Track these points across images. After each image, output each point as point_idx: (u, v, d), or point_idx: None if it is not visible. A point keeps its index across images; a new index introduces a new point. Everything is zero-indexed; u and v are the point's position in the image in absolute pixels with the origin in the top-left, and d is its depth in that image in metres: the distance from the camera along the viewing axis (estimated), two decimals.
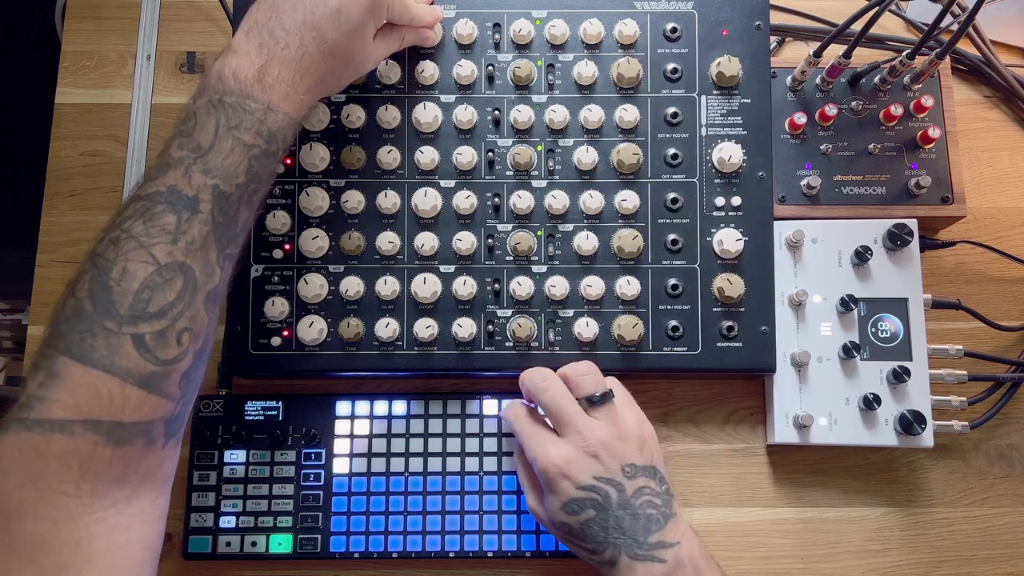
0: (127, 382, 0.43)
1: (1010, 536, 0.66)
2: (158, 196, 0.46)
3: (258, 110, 0.49)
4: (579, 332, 0.62)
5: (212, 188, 0.47)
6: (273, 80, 0.50)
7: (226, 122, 0.48)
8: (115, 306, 0.44)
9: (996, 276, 0.72)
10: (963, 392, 0.66)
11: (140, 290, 0.44)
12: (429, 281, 0.62)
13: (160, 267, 0.45)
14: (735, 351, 0.63)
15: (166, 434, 0.47)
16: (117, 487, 0.44)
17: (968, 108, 0.75)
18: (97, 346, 0.43)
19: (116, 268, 0.44)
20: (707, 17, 0.65)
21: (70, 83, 0.74)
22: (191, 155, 0.47)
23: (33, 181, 0.74)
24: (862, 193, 0.68)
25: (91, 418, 0.43)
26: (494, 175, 0.64)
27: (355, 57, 0.55)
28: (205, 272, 0.47)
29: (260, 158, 0.49)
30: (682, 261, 0.64)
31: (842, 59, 0.66)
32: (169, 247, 0.45)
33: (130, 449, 0.44)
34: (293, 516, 0.63)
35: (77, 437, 0.42)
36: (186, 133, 0.48)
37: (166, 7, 0.76)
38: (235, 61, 0.49)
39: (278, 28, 0.50)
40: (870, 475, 0.67)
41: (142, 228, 0.45)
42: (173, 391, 0.46)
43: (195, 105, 0.49)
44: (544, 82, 0.65)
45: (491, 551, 0.63)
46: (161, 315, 0.45)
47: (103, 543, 0.43)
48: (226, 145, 0.48)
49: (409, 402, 0.65)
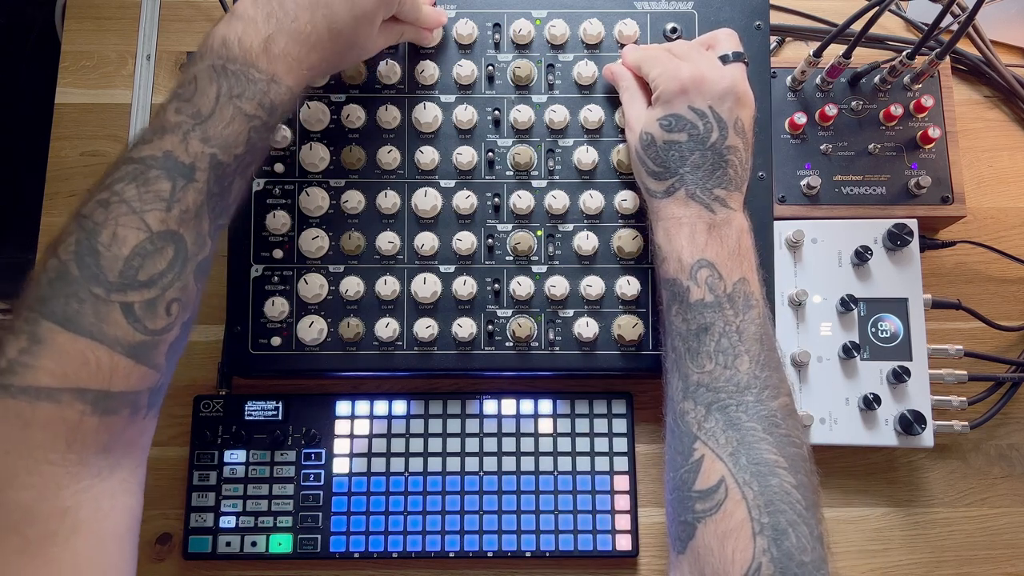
0: (115, 351, 0.43)
1: (1010, 536, 0.66)
2: (153, 160, 0.45)
3: (262, 80, 0.48)
4: (579, 332, 0.62)
5: (210, 157, 0.46)
6: (279, 51, 0.49)
7: (228, 90, 0.47)
8: (104, 272, 0.42)
9: (996, 276, 0.72)
10: (963, 392, 0.66)
11: (131, 257, 0.43)
12: (429, 281, 0.62)
13: (152, 235, 0.44)
14: None
15: (149, 404, 0.46)
16: (102, 456, 0.44)
17: (968, 108, 0.75)
18: (84, 312, 0.42)
19: (105, 232, 0.43)
20: (707, 17, 0.65)
21: (70, 83, 0.74)
22: (190, 121, 0.46)
23: (33, 181, 0.74)
24: (862, 193, 0.68)
25: (79, 387, 0.42)
26: (494, 175, 0.64)
27: (359, 43, 0.55)
28: (196, 242, 0.46)
29: (259, 130, 0.48)
30: None
31: (842, 59, 0.66)
32: (162, 215, 0.44)
33: (116, 419, 0.44)
34: (293, 516, 0.63)
35: (64, 406, 0.41)
36: (185, 97, 0.47)
37: (166, 7, 0.76)
38: (240, 27, 0.48)
39: (289, 1, 0.50)
40: (870, 475, 0.67)
41: (135, 193, 0.44)
42: (160, 361, 0.45)
43: (196, 68, 0.47)
44: (544, 82, 0.65)
45: (491, 551, 0.63)
46: (151, 284, 0.44)
47: (89, 512, 0.43)
48: (227, 114, 0.47)
49: (409, 402, 0.65)
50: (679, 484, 0.50)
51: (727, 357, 0.51)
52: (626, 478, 0.64)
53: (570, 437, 0.65)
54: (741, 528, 0.46)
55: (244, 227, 0.63)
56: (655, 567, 0.64)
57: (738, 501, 0.46)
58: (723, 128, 0.54)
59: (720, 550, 0.46)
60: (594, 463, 0.64)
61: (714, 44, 0.59)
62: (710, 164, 0.54)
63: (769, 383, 0.50)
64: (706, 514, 0.47)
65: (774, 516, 0.45)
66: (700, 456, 0.49)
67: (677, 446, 0.51)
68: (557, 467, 0.64)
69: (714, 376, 0.50)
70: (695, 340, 0.52)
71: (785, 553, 0.44)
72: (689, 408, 0.50)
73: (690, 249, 0.53)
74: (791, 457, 0.48)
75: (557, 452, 0.65)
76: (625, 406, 0.66)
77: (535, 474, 0.64)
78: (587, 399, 0.66)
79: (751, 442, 0.48)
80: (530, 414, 0.65)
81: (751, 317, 0.52)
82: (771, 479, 0.47)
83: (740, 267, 0.53)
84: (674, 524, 0.50)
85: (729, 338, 0.51)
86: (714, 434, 0.49)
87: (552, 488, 0.64)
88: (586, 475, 0.64)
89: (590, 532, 0.63)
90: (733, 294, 0.52)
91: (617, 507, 0.64)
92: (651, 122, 0.56)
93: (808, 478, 0.48)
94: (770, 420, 0.49)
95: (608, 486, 0.64)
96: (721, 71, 0.56)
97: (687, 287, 0.52)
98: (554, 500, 0.64)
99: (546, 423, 0.65)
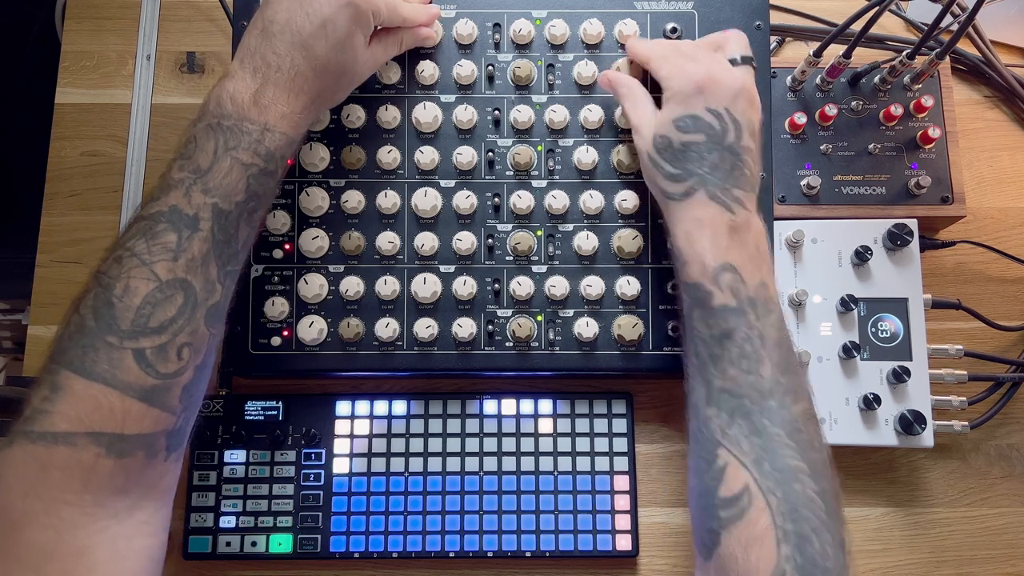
0: (127, 395, 0.44)
1: (1010, 536, 0.66)
2: (160, 215, 0.47)
3: (255, 131, 0.50)
4: (579, 332, 0.62)
5: (212, 206, 0.48)
6: (268, 101, 0.51)
7: (224, 143, 0.49)
8: (117, 321, 0.45)
9: (996, 276, 0.72)
10: (963, 392, 0.66)
11: (141, 306, 0.45)
12: (429, 281, 0.62)
13: (161, 283, 0.46)
14: None
15: (168, 447, 0.48)
16: (119, 498, 0.45)
17: (968, 108, 0.75)
18: (99, 360, 0.44)
19: (119, 285, 0.45)
20: (707, 17, 0.65)
21: (70, 83, 0.74)
22: (191, 176, 0.49)
23: (33, 181, 0.74)
24: (862, 193, 0.68)
25: (92, 430, 0.43)
26: (494, 175, 0.64)
27: (348, 69, 0.56)
28: (206, 288, 0.48)
29: (258, 176, 0.50)
30: None
31: (842, 59, 0.66)
32: (170, 264, 0.46)
33: (132, 460, 0.45)
34: (293, 516, 0.63)
35: (79, 449, 0.43)
36: (186, 156, 0.49)
37: (166, 7, 0.76)
38: (232, 86, 0.51)
39: (269, 52, 0.52)
40: (870, 475, 0.67)
41: (144, 246, 0.46)
42: (174, 404, 0.47)
43: (195, 129, 0.50)
44: (544, 82, 0.65)
45: (491, 551, 0.63)
46: (162, 330, 0.46)
47: (105, 552, 0.44)
48: (224, 165, 0.49)
49: (409, 402, 0.65)
50: (704, 491, 0.49)
51: (750, 362, 0.50)
52: (626, 478, 0.64)
53: (570, 437, 0.65)
54: (765, 536, 0.45)
55: None
56: (655, 567, 0.65)
57: (762, 509, 0.46)
58: (739, 129, 0.54)
59: (744, 558, 0.45)
60: (594, 463, 0.64)
61: (724, 45, 0.58)
62: (728, 164, 0.53)
63: (791, 388, 0.50)
64: (730, 521, 0.47)
65: (798, 523, 0.45)
66: (724, 463, 0.49)
67: (701, 452, 0.51)
68: (557, 467, 0.64)
69: (737, 382, 0.50)
70: (718, 346, 0.51)
71: (809, 560, 0.44)
72: (712, 414, 0.50)
73: (713, 252, 0.52)
74: (813, 463, 0.48)
75: (557, 452, 0.65)
76: (625, 406, 0.66)
77: (535, 474, 0.64)
78: (587, 399, 0.66)
79: (774, 448, 0.48)
80: (530, 414, 0.65)
81: (772, 322, 0.51)
82: (795, 485, 0.47)
83: (760, 271, 0.52)
84: (699, 531, 0.50)
85: (752, 343, 0.50)
86: (738, 440, 0.48)
87: (552, 488, 0.64)
88: (586, 475, 0.64)
89: (590, 532, 0.63)
90: (755, 298, 0.51)
91: (617, 507, 0.64)
92: (665, 124, 0.55)
93: (830, 483, 0.48)
94: (793, 426, 0.49)
95: (608, 486, 0.64)
96: (732, 73, 0.56)
97: (710, 291, 0.52)
98: (554, 500, 0.64)
99: (546, 423, 0.65)
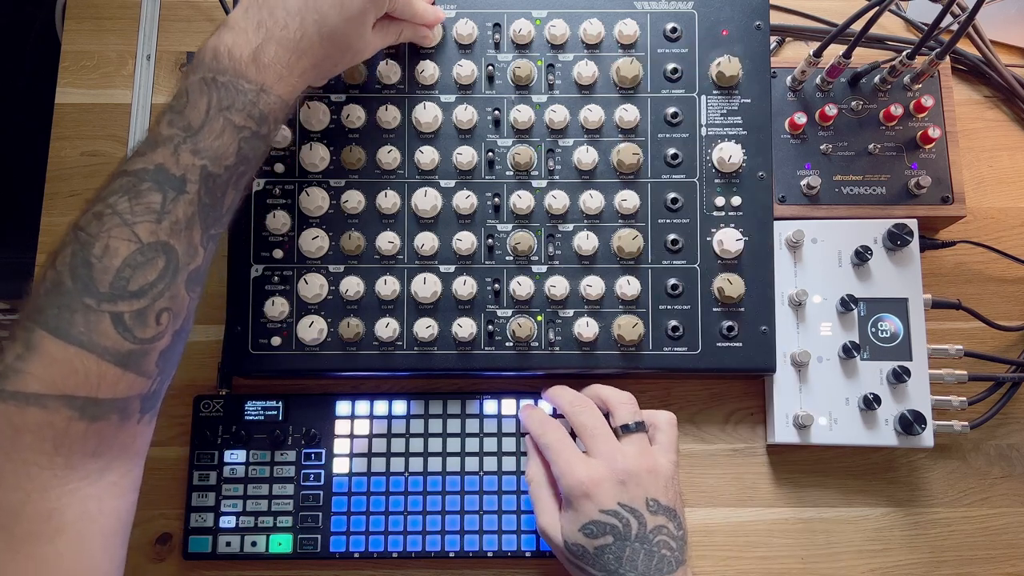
0: (104, 359, 0.43)
1: (1010, 536, 0.66)
2: (145, 173, 0.46)
3: (251, 91, 0.48)
4: (579, 332, 0.62)
5: (200, 169, 0.47)
6: (269, 60, 0.49)
7: (218, 102, 0.47)
8: (95, 283, 0.43)
9: (996, 276, 0.72)
10: (963, 392, 0.66)
11: (121, 268, 0.44)
12: (429, 281, 0.62)
13: (142, 246, 0.45)
14: (735, 351, 0.63)
15: (142, 409, 0.47)
16: (91, 460, 0.45)
17: (968, 108, 0.75)
18: (75, 322, 0.43)
19: (98, 244, 0.44)
20: (707, 17, 0.65)
21: (70, 83, 0.74)
22: (181, 134, 0.47)
23: (33, 181, 0.74)
24: (862, 193, 0.68)
25: (66, 393, 0.43)
26: (494, 175, 0.64)
27: (353, 45, 0.55)
28: (188, 253, 0.47)
29: (250, 140, 0.49)
30: (682, 261, 0.64)
31: (842, 59, 0.66)
32: (153, 226, 0.45)
33: (104, 424, 0.44)
34: (293, 516, 0.63)
35: (51, 411, 0.42)
36: (177, 110, 0.47)
37: (166, 7, 0.76)
38: (231, 38, 0.49)
39: (279, 8, 0.50)
40: (870, 475, 0.67)
41: (127, 205, 0.45)
42: (150, 369, 0.46)
43: (188, 82, 0.48)
44: (544, 82, 0.65)
45: (491, 551, 0.63)
46: (141, 294, 0.45)
47: (75, 513, 0.44)
48: (216, 126, 0.47)
49: (409, 402, 0.65)
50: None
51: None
52: None
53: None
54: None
55: (244, 227, 0.63)
56: None
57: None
58: (639, 516, 0.54)
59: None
60: None
61: (613, 411, 0.59)
62: (645, 555, 0.53)
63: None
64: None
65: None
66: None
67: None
68: None
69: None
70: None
71: None
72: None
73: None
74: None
75: None
76: None
77: None
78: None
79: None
80: None
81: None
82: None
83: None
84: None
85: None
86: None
87: None
88: None
89: None
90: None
91: None
92: (573, 532, 0.55)
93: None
94: None
95: None
96: (615, 459, 0.56)
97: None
98: None
99: None
